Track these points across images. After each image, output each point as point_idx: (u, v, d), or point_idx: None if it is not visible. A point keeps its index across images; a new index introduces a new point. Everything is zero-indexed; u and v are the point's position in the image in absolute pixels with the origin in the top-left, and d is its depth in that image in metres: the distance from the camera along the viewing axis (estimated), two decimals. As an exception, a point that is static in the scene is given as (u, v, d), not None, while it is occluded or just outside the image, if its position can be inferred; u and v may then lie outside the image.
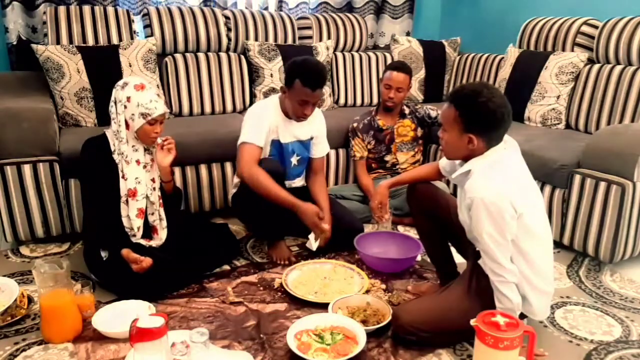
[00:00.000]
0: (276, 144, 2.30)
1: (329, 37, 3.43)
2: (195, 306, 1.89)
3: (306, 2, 3.63)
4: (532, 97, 2.92)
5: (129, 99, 1.91)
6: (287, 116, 2.29)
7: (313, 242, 2.16)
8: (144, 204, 2.00)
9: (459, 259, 1.98)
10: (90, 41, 2.75)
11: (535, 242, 1.56)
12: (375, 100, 3.50)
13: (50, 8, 2.70)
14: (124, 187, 1.96)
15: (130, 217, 1.97)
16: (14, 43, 2.81)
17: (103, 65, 2.64)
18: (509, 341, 1.36)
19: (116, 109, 1.94)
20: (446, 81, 3.70)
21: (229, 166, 2.67)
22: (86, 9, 2.77)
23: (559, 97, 2.85)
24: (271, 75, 3.09)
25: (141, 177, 1.99)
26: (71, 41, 2.70)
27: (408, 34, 3.97)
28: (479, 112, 1.51)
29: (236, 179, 2.34)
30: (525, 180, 1.60)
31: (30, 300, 1.87)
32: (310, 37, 3.40)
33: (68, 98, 2.56)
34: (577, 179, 2.24)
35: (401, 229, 2.65)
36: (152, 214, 2.05)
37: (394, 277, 2.14)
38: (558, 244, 2.33)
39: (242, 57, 3.12)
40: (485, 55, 3.46)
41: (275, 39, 3.25)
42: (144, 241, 2.01)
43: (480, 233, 1.50)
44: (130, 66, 2.70)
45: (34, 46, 2.55)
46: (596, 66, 2.79)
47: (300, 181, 2.48)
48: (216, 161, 2.64)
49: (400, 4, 3.88)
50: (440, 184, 2.37)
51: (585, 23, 2.89)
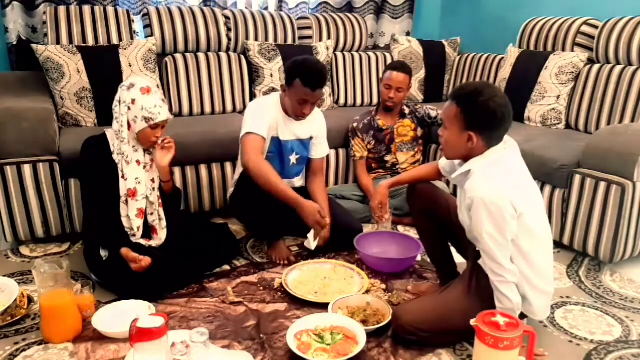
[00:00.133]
0: (275, 141, 2.30)
1: (329, 37, 3.43)
2: (195, 306, 1.89)
3: (306, 2, 3.63)
4: (532, 97, 2.92)
5: (133, 101, 1.92)
6: (287, 114, 2.29)
7: (312, 242, 2.16)
8: (144, 204, 2.00)
9: (459, 259, 1.98)
10: (90, 41, 2.75)
11: (536, 242, 1.56)
12: (375, 100, 3.50)
13: (50, 8, 2.71)
14: (123, 187, 1.96)
15: (130, 217, 1.97)
16: (14, 43, 2.81)
17: (103, 65, 2.64)
18: (509, 341, 1.36)
19: (120, 109, 1.94)
20: (446, 81, 3.70)
21: (228, 166, 2.67)
22: (86, 9, 2.77)
23: (559, 97, 2.85)
24: (271, 75, 3.09)
25: (141, 178, 1.99)
26: (71, 41, 2.70)
27: (408, 34, 3.97)
28: (479, 109, 1.51)
29: (236, 176, 2.34)
30: (525, 181, 1.60)
31: (30, 300, 1.87)
32: (310, 37, 3.40)
33: (68, 98, 2.56)
34: (577, 179, 2.24)
35: (401, 229, 2.65)
36: (152, 214, 2.05)
37: (394, 277, 2.14)
38: (558, 244, 2.33)
39: (242, 57, 3.12)
40: (485, 55, 3.46)
41: (275, 39, 3.25)
42: (143, 241, 2.01)
43: (480, 233, 1.50)
44: (130, 66, 2.70)
45: (34, 46, 2.55)
46: (596, 66, 2.79)
47: (299, 181, 2.48)
48: (216, 161, 2.64)
49: (400, 4, 3.88)
50: (440, 184, 2.37)
51: (585, 23, 2.89)
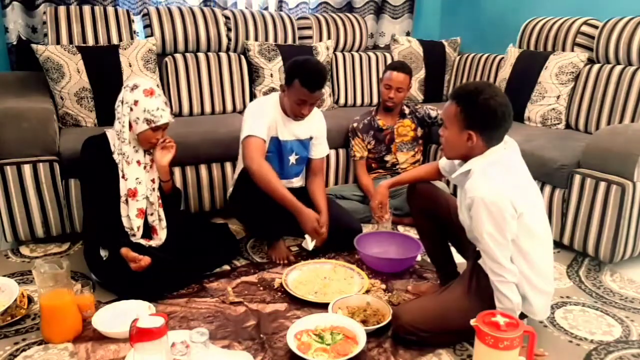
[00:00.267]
0: (275, 141, 2.30)
1: (329, 37, 3.43)
2: (195, 306, 1.89)
3: (306, 2, 3.63)
4: (532, 97, 2.92)
5: (136, 102, 1.91)
6: (286, 114, 2.29)
7: (309, 242, 2.17)
8: (144, 204, 2.00)
9: (459, 259, 1.98)
10: (90, 41, 2.75)
11: (536, 242, 1.56)
12: (375, 100, 3.50)
13: (50, 8, 2.70)
14: (124, 187, 1.96)
15: (130, 217, 1.97)
16: (14, 43, 2.81)
17: (103, 65, 2.64)
18: (509, 341, 1.36)
19: (122, 109, 1.94)
20: (446, 81, 3.70)
21: (228, 166, 2.67)
22: (86, 9, 2.77)
23: (559, 97, 2.85)
24: (271, 75, 3.09)
25: (142, 178, 1.99)
26: (71, 41, 2.70)
27: (408, 34, 3.97)
28: (480, 108, 1.51)
29: (235, 175, 2.34)
30: (525, 181, 1.60)
31: (30, 300, 1.87)
32: (310, 37, 3.40)
33: (68, 98, 2.56)
34: (577, 179, 2.24)
35: (401, 229, 2.65)
36: (152, 214, 2.04)
37: (394, 277, 2.14)
38: (558, 244, 2.33)
39: (242, 57, 3.12)
40: (485, 55, 3.46)
41: (275, 39, 3.25)
42: (143, 241, 2.01)
43: (480, 233, 1.50)
44: (130, 66, 2.69)
45: (34, 46, 2.55)
46: (596, 66, 2.79)
47: (299, 181, 2.47)
48: (216, 161, 2.64)
49: (400, 4, 3.88)
50: (440, 184, 2.38)
51: (585, 23, 2.89)
